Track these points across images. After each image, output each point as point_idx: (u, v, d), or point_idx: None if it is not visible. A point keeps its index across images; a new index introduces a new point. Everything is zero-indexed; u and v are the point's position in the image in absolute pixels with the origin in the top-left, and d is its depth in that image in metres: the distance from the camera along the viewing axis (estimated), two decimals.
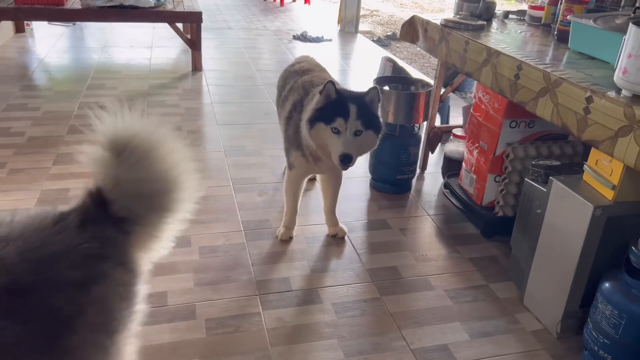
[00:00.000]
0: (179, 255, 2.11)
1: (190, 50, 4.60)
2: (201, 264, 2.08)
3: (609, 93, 1.58)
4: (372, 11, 8.78)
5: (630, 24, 1.52)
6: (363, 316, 1.87)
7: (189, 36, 4.59)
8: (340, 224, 2.36)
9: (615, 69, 1.58)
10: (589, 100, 1.61)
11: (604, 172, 1.66)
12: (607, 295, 1.58)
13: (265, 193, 2.65)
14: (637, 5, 2.02)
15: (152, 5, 4.22)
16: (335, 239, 2.32)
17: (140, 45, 5.29)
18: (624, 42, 1.54)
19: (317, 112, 1.88)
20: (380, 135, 1.95)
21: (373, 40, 6.41)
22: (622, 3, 2.26)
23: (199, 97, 4.00)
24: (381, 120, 1.96)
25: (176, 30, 4.46)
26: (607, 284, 1.60)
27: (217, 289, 1.95)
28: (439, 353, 1.72)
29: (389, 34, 6.90)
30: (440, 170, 2.94)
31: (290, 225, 2.28)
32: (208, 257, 2.13)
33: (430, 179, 2.93)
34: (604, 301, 1.59)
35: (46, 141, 3.03)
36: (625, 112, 1.49)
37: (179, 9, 4.36)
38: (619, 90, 1.57)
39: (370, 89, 1.90)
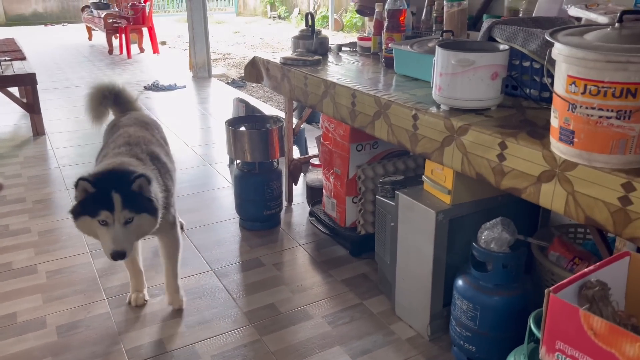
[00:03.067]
0: (32, 340, 1.90)
1: (29, 114, 4.26)
2: (60, 345, 1.89)
3: (430, 109, 1.74)
4: (223, 54, 8.89)
5: (437, 46, 1.70)
6: None
7: (24, 100, 4.25)
8: (181, 294, 2.11)
9: (432, 87, 1.76)
10: (415, 117, 1.77)
11: (439, 179, 1.82)
12: (461, 291, 1.72)
13: None
14: (443, 29, 2.28)
15: None
16: (205, 289, 2.24)
17: None
18: (434, 63, 1.73)
19: (79, 206, 1.66)
20: (158, 216, 1.73)
21: (227, 83, 6.47)
22: (434, 28, 2.54)
23: (44, 163, 3.70)
24: (156, 201, 1.74)
25: (9, 95, 4.11)
26: (459, 281, 1.74)
27: None
28: None
29: (242, 75, 7.02)
30: (305, 200, 3.01)
31: (139, 287, 2.13)
32: (68, 335, 1.94)
33: (298, 210, 2.99)
34: (459, 297, 1.72)
35: None
36: (445, 124, 1.65)
37: (8, 72, 4.03)
38: (438, 106, 1.75)
39: (135, 178, 1.66)
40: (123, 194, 1.64)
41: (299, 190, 3.15)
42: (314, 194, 2.88)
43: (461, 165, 1.62)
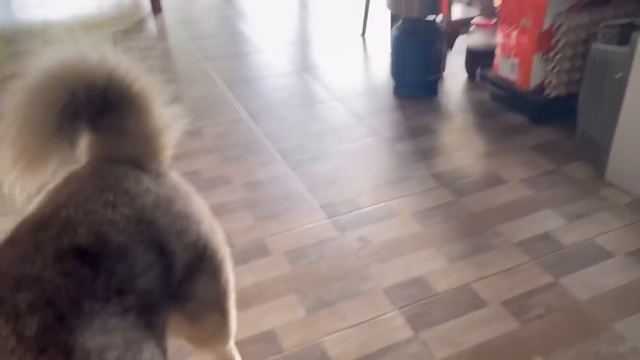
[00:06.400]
0: (224, 195, 1.88)
1: None
2: (252, 200, 1.85)
3: None
4: None
5: None
6: (448, 221, 1.70)
7: None
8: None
9: None
10: None
11: None
12: None
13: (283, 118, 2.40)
14: None
15: None
16: (380, 152, 2.11)
17: None
18: None
19: None
20: None
21: None
22: None
23: (173, 36, 3.61)
24: None
25: None
26: None
27: (280, 220, 1.74)
28: (543, 242, 1.59)
29: None
30: (462, 68, 2.74)
31: None
32: (255, 192, 1.90)
33: (452, 79, 2.74)
34: None
35: None
36: None
37: None
38: None
39: None
40: None
41: (449, 59, 2.87)
42: (475, 59, 2.60)
43: None
